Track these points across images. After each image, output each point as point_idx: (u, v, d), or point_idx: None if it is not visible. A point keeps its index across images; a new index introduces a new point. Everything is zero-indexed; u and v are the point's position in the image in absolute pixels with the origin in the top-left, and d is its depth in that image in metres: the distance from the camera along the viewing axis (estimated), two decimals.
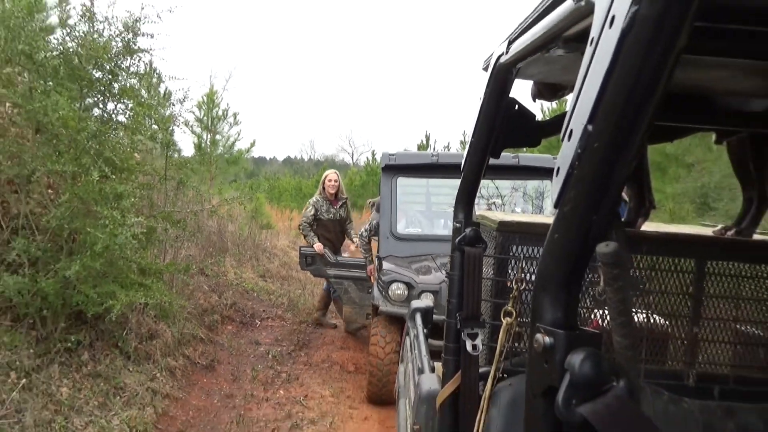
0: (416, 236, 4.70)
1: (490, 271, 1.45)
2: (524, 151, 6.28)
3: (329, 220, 5.55)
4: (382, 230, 4.60)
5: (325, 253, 5.25)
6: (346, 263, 5.26)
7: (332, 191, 5.58)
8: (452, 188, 1.45)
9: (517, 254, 1.38)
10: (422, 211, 5.18)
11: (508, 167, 4.28)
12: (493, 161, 1.30)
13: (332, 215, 5.56)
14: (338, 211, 5.61)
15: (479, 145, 1.27)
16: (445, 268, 3.65)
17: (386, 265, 4.19)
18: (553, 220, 0.61)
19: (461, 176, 1.36)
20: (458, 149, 14.45)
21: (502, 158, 1.37)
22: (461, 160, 1.36)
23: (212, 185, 9.84)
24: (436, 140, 18.01)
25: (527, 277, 1.28)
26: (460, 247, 1.30)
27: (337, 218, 5.60)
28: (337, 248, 5.61)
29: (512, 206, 4.63)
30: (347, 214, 5.74)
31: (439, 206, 5.08)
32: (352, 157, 37.06)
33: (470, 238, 1.30)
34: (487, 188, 4.56)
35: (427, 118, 69.99)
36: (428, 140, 17.58)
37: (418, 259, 4.33)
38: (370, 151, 34.92)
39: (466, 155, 1.33)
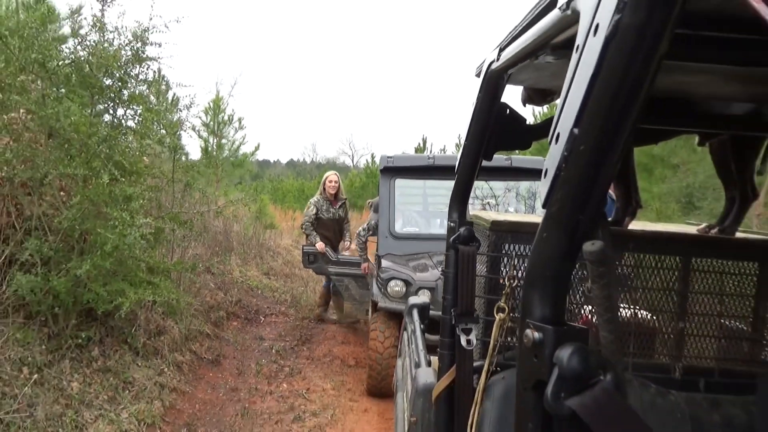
0: (413, 235, 4.77)
1: (483, 268, 1.48)
2: (517, 153, 6.32)
3: (329, 219, 5.65)
4: (380, 229, 4.67)
5: (326, 251, 5.33)
6: (346, 261, 5.35)
7: (332, 192, 5.67)
8: (448, 189, 1.47)
9: (509, 252, 1.41)
10: (419, 211, 5.24)
11: (501, 169, 4.35)
12: (486, 163, 1.31)
13: (332, 215, 5.67)
14: (337, 211, 5.72)
15: (472, 147, 1.29)
16: (441, 265, 3.68)
17: (385, 263, 4.26)
18: (541, 220, 0.62)
19: (455, 178, 1.38)
20: (454, 152, 14.37)
21: (495, 160, 1.40)
22: (456, 162, 1.38)
23: (218, 187, 9.94)
24: (432, 143, 18.06)
25: (519, 274, 1.28)
26: (454, 245, 1.32)
27: (336, 218, 5.72)
28: (335, 246, 5.71)
29: (506, 206, 4.68)
30: (345, 214, 5.85)
31: (435, 206, 5.13)
32: (352, 159, 36.99)
33: (464, 237, 1.31)
34: (481, 189, 4.61)
35: (424, 122, 69.96)
36: (425, 143, 17.62)
37: (415, 257, 4.40)
38: (369, 153, 34.85)
39: (459, 157, 1.34)
